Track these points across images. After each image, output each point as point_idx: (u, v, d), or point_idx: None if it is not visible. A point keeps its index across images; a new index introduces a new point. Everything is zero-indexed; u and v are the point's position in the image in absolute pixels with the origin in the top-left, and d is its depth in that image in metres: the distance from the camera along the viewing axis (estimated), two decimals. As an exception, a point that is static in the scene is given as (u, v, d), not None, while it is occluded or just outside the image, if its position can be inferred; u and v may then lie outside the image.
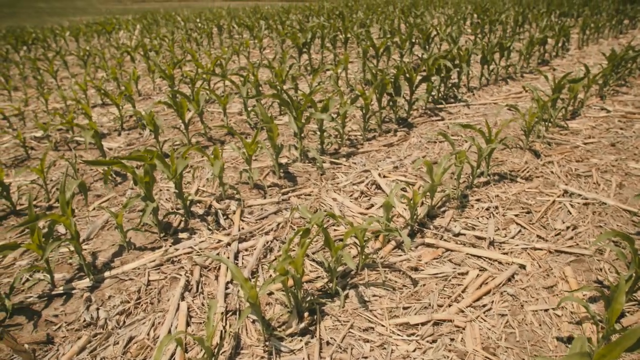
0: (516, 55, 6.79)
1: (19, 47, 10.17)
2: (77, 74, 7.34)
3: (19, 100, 5.79)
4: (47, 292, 2.19)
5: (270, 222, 2.60)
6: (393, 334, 1.83)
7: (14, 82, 6.51)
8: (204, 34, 8.93)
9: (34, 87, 6.52)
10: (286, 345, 1.79)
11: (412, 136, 3.76)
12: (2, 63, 8.50)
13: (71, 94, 5.17)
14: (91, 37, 11.56)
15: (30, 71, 7.49)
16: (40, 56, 9.28)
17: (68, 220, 2.17)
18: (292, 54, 6.75)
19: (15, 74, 7.60)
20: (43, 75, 6.76)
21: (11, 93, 6.04)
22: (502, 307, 1.95)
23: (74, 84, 6.01)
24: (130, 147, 3.96)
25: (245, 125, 4.23)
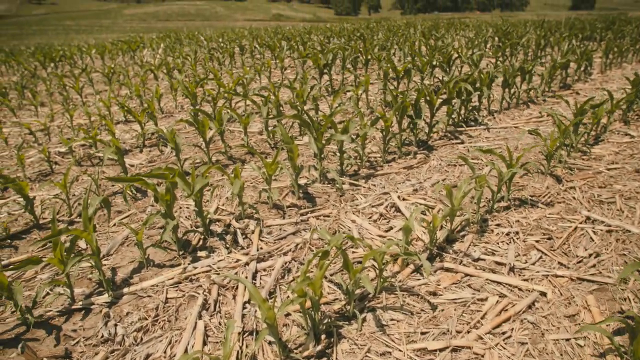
0: (538, 79, 6.76)
1: (47, 64, 10.44)
2: (102, 91, 7.49)
3: (45, 116, 5.92)
4: (67, 307, 2.21)
5: (289, 242, 2.60)
6: (410, 359, 1.81)
7: (40, 97, 6.67)
8: (226, 54, 9.07)
9: (60, 103, 6.67)
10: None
11: (432, 159, 3.76)
12: (30, 79, 8.71)
13: (95, 111, 5.28)
14: (116, 55, 11.81)
15: (56, 87, 7.67)
16: (66, 73, 9.50)
17: (90, 235, 2.20)
18: (313, 75, 6.82)
19: (42, 90, 7.79)
20: (69, 91, 6.91)
21: (38, 109, 6.19)
22: (522, 335, 1.92)
23: (98, 101, 6.13)
24: (151, 164, 4.01)
25: (266, 144, 4.26)
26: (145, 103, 5.77)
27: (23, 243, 2.88)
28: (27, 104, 6.82)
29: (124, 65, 10.31)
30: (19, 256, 2.72)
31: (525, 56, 8.39)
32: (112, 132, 4.13)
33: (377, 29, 14.99)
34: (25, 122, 5.55)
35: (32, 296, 2.31)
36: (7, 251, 2.79)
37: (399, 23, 19.48)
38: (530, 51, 8.76)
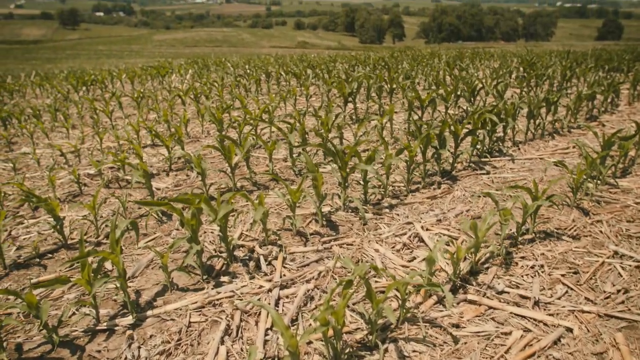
0: (563, 110, 6.73)
1: (79, 88, 10.74)
2: (131, 115, 7.67)
3: (76, 138, 6.08)
4: (92, 327, 2.24)
5: (312, 270, 2.61)
6: (432, 393, 1.79)
7: (72, 120, 6.86)
8: (252, 80, 9.24)
9: (90, 126, 6.85)
10: (323, 397, 1.77)
11: (455, 189, 3.75)
12: (63, 102, 8.97)
13: (124, 134, 5.41)
14: (145, 80, 12.10)
15: (87, 111, 7.88)
16: (97, 97, 9.77)
17: (117, 258, 2.24)
18: (338, 103, 6.89)
19: (73, 113, 8.01)
20: (99, 115, 7.10)
21: (69, 131, 6.36)
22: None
23: (127, 125, 6.28)
24: (177, 188, 4.08)
25: (290, 171, 4.30)
26: (173, 128, 5.90)
27: (51, 262, 2.94)
28: (59, 126, 7.02)
29: (153, 90, 10.55)
30: (47, 275, 2.77)
31: (550, 87, 8.36)
32: (139, 156, 4.23)
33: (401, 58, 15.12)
34: (57, 144, 5.71)
35: (58, 315, 2.36)
36: (36, 270, 2.86)
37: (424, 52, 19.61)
38: (556, 82, 8.73)
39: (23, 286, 2.67)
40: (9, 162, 5.10)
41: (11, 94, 10.75)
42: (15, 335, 2.24)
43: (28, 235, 3.34)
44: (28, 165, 5.07)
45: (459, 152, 4.10)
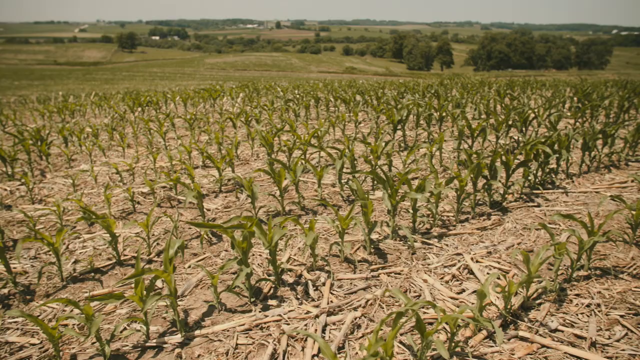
0: (621, 143, 6.51)
1: (135, 108, 11.16)
2: (183, 136, 7.90)
3: (130, 157, 6.30)
4: (141, 343, 2.29)
5: (359, 297, 2.60)
6: None
7: (127, 139, 7.11)
8: (301, 105, 9.37)
9: (145, 146, 7.09)
10: None
11: (506, 221, 3.67)
12: (119, 122, 9.34)
13: (177, 155, 5.57)
14: (198, 102, 12.46)
15: (142, 131, 8.17)
16: (152, 117, 10.11)
17: (169, 277, 2.29)
18: (386, 130, 6.90)
19: (129, 133, 8.32)
20: (153, 135, 7.34)
21: (125, 150, 6.60)
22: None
23: (179, 146, 6.47)
24: (227, 209, 4.16)
25: (338, 197, 4.32)
26: (224, 150, 6.04)
27: (105, 277, 3.04)
28: (115, 145, 7.30)
29: (205, 112, 10.85)
30: (101, 290, 2.86)
31: (606, 118, 8.11)
32: (191, 177, 4.34)
33: (450, 86, 15.03)
34: (113, 162, 5.93)
35: (110, 329, 2.42)
36: (90, 284, 2.95)
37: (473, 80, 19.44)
38: (612, 113, 8.47)
39: (78, 299, 2.77)
40: (69, 179, 5.33)
41: (72, 113, 11.26)
42: (70, 346, 2.31)
43: (84, 249, 3.46)
44: (86, 182, 5.28)
45: (510, 183, 4.02)
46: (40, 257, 3.38)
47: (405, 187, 3.91)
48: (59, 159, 6.56)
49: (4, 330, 2.47)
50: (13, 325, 2.51)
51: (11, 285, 2.85)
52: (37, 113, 11.88)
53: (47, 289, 2.90)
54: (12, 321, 2.55)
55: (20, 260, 3.31)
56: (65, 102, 15.30)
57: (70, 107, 11.62)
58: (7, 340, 2.38)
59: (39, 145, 6.26)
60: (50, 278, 3.04)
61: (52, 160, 6.32)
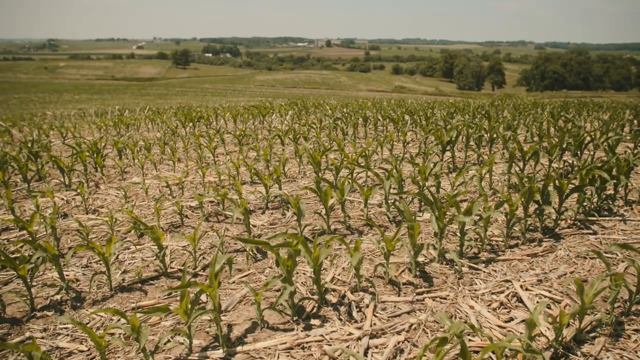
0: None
1: (186, 123, 11.46)
2: (232, 152, 8.04)
3: (180, 171, 6.45)
4: (184, 356, 2.31)
5: (403, 321, 2.55)
6: None
7: (178, 154, 7.29)
8: (349, 124, 9.39)
9: (194, 161, 7.25)
10: None
11: (559, 248, 3.53)
12: (171, 136, 9.60)
13: (225, 170, 5.66)
14: (247, 118, 12.68)
15: (192, 145, 8.37)
16: (202, 132, 10.34)
17: (214, 292, 2.31)
18: (435, 151, 6.81)
19: (180, 147, 8.53)
20: (203, 150, 7.50)
21: (175, 164, 6.76)
22: None
23: (228, 161, 6.58)
24: (273, 226, 4.18)
25: (384, 217, 4.28)
26: (272, 167, 6.10)
27: (152, 289, 3.10)
28: (166, 159, 7.49)
29: (254, 128, 11.02)
30: (147, 301, 2.92)
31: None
32: (239, 193, 4.39)
33: (502, 107, 14.75)
34: (164, 175, 6.08)
35: (154, 341, 2.46)
36: (137, 294, 3.02)
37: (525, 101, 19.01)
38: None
39: (125, 309, 2.83)
40: (121, 191, 5.49)
41: (127, 127, 11.66)
42: (115, 355, 2.36)
43: (133, 260, 3.55)
44: (137, 194, 5.44)
45: (563, 209, 3.88)
46: (91, 266, 3.48)
47: (453, 210, 3.82)
48: (113, 171, 6.79)
49: (56, 336, 2.55)
50: (64, 331, 2.59)
51: (64, 292, 2.94)
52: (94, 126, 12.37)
53: (96, 297, 2.99)
54: (63, 327, 2.63)
55: (72, 268, 3.42)
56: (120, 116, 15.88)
57: (125, 121, 12.04)
58: (58, 346, 2.45)
59: (95, 157, 6.50)
60: (100, 287, 3.13)
61: (106, 172, 6.54)
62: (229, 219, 4.39)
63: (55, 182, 6.08)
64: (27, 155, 6.45)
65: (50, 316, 2.78)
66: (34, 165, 6.13)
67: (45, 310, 2.85)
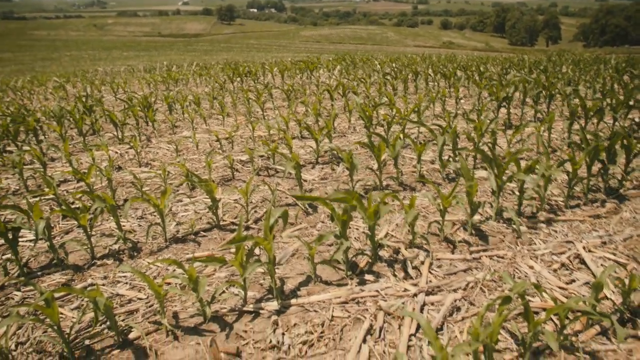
0: None
1: (234, 79, 11.45)
2: (280, 107, 7.99)
3: (230, 126, 6.47)
4: (239, 307, 2.33)
5: (459, 279, 2.49)
6: None
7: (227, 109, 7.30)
8: (399, 79, 9.16)
9: (243, 115, 7.25)
10: (469, 417, 1.66)
11: (624, 210, 3.36)
12: (219, 91, 9.63)
13: (275, 125, 5.63)
14: (295, 74, 12.56)
15: (241, 100, 8.36)
16: (250, 87, 10.32)
17: (269, 244, 2.31)
18: (490, 107, 6.57)
19: (228, 102, 8.54)
20: (252, 105, 7.48)
21: (224, 118, 6.78)
22: None
23: (277, 116, 6.54)
24: (323, 180, 4.15)
25: (437, 175, 4.17)
26: (321, 121, 6.03)
27: (205, 240, 3.14)
28: (215, 113, 7.53)
29: (302, 83, 10.91)
30: (200, 252, 2.96)
31: None
32: (290, 147, 4.36)
33: (560, 62, 14.06)
34: (214, 130, 6.11)
35: (210, 291, 2.49)
36: (191, 245, 3.06)
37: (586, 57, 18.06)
38: None
39: (180, 259, 2.88)
40: (173, 144, 5.56)
41: (176, 82, 11.76)
42: (173, 304, 2.41)
43: (186, 212, 3.60)
44: (188, 148, 5.49)
45: (630, 169, 3.68)
46: (146, 218, 3.55)
47: (512, 168, 3.68)
48: (164, 125, 6.88)
49: (115, 283, 2.62)
50: (123, 279, 2.66)
51: (121, 242, 3.01)
52: (144, 81, 12.54)
53: (151, 248, 3.05)
54: (122, 275, 2.70)
55: (128, 219, 3.50)
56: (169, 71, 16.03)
57: (173, 77, 12.14)
58: (118, 293, 2.52)
59: (146, 111, 6.59)
60: (155, 238, 3.19)
61: (157, 127, 6.63)
62: (280, 174, 4.38)
63: (108, 136, 6.21)
64: (82, 109, 6.59)
65: (110, 264, 2.86)
66: (88, 119, 6.26)
67: (104, 259, 2.93)
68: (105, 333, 2.20)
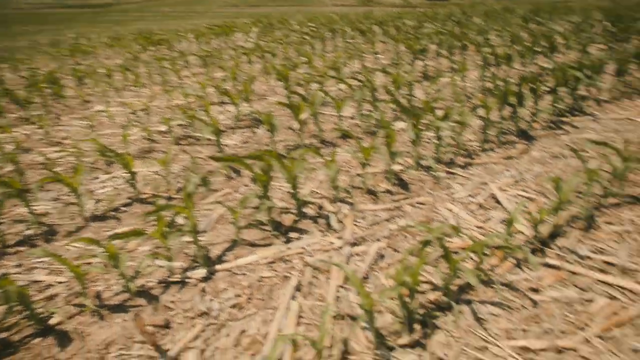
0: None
1: (148, 48, 10.96)
2: (198, 74, 7.74)
3: (145, 96, 6.21)
4: (166, 279, 2.28)
5: (383, 228, 2.55)
6: (510, 356, 1.71)
7: (142, 79, 7.00)
8: (317, 38, 9.08)
9: (160, 85, 6.97)
10: (396, 355, 1.73)
11: (533, 150, 3.54)
12: (132, 62, 9.18)
13: (192, 92, 5.45)
14: (210, 39, 12.17)
15: (156, 70, 8.02)
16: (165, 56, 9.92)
17: (190, 212, 2.26)
18: (407, 60, 6.66)
19: (143, 72, 8.17)
20: (167, 73, 7.20)
21: (140, 90, 6.49)
22: (637, 342, 1.76)
23: (194, 83, 6.34)
24: (245, 144, 4.09)
25: (358, 129, 4.20)
26: (239, 85, 5.90)
27: (126, 216, 3.02)
28: (129, 85, 7.19)
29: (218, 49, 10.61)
30: (123, 228, 2.85)
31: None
32: (208, 112, 4.25)
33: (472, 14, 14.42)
34: (129, 102, 5.84)
35: (134, 266, 2.42)
36: (112, 222, 2.94)
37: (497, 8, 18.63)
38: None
39: (101, 238, 2.76)
40: (85, 120, 5.28)
41: (85, 55, 11.11)
42: (95, 284, 2.32)
43: (103, 189, 3.44)
44: (102, 123, 5.23)
45: (537, 111, 3.86)
46: (61, 199, 3.37)
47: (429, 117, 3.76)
48: (74, 102, 6.49)
49: (31, 270, 2.49)
50: (40, 265, 2.53)
51: (35, 226, 2.85)
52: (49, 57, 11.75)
53: (69, 229, 2.90)
54: (38, 261, 2.56)
55: (41, 202, 3.31)
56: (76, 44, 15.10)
57: (82, 49, 11.45)
58: (35, 279, 2.39)
59: (53, 87, 6.18)
60: (73, 218, 3.04)
61: (67, 103, 6.25)
62: (201, 141, 4.27)
63: (14, 117, 5.80)
64: (-21, 90, 6.09)
65: (24, 251, 2.70)
66: (-12, 100, 5.81)
67: (17, 246, 2.76)
68: (23, 323, 2.09)
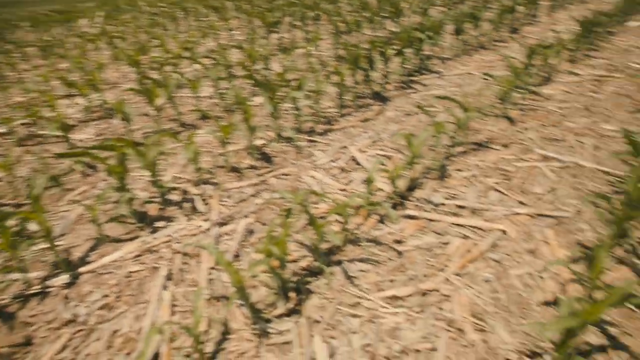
0: (487, 25, 6.78)
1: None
2: (39, 66, 7.09)
3: (-20, 97, 5.58)
4: (22, 292, 2.11)
5: (250, 204, 2.55)
6: (381, 307, 1.82)
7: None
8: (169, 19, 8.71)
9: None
10: (274, 326, 1.76)
11: (388, 110, 3.73)
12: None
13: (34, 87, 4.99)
14: (50, 26, 11.19)
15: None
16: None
17: (40, 216, 2.09)
18: (262, 34, 6.62)
19: (-26, 70, 7.32)
20: (2, 68, 6.52)
21: (-29, 89, 5.81)
22: (488, 273, 1.95)
23: (36, 76, 5.81)
24: (100, 137, 3.84)
25: (218, 108, 4.13)
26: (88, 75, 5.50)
27: (-31, 231, 2.72)
28: (-41, 85, 6.41)
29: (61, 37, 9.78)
30: (-34, 244, 2.57)
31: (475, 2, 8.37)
32: (52, 107, 3.92)
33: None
34: (-40, 104, 5.21)
35: (-16, 284, 2.20)
36: (-47, 240, 2.64)
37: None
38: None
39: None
40: None
41: None
42: (-62, 310, 2.08)
43: (-61, 204, 3.07)
44: None
45: (388, 73, 4.06)
46: None
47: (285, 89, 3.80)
48: None
49: None
50: None
51: None
52: None
53: None
54: None
55: None
56: None
57: None
58: None
59: None
60: None
61: None
62: (49, 139, 3.94)
63: None
64: None
65: None
66: None
67: None
68: None
